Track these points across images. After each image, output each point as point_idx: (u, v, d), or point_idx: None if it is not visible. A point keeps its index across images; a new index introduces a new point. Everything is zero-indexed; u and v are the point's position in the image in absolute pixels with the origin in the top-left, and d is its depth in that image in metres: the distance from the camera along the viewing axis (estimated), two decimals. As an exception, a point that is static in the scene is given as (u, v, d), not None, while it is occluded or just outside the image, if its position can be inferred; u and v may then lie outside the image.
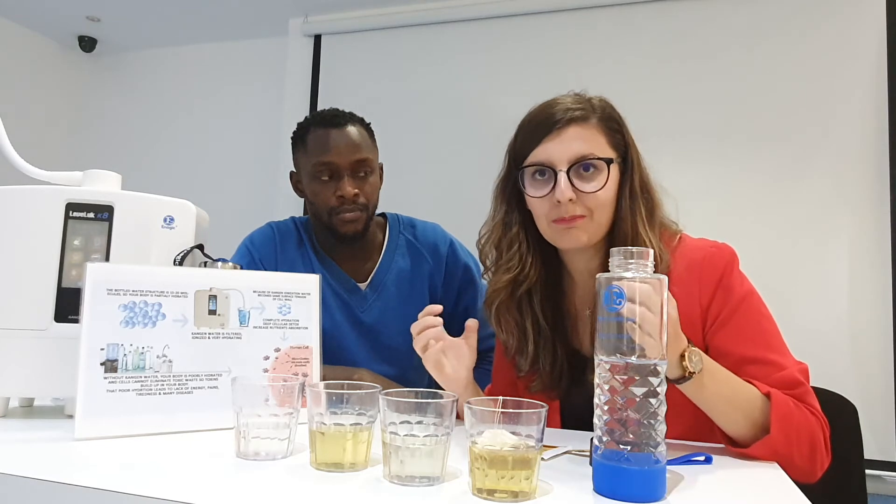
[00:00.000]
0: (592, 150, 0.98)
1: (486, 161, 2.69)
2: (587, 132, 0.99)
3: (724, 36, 2.42)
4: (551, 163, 0.98)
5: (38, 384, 0.94)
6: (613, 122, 1.03)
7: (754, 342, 0.95)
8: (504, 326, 1.08)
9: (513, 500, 0.65)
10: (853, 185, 2.22)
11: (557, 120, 0.99)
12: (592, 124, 1.00)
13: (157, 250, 1.01)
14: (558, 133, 0.98)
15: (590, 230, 1.00)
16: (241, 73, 3.34)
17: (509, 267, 1.06)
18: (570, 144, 0.98)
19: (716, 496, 0.73)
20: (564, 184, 0.96)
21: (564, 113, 0.99)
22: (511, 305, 1.07)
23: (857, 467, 1.26)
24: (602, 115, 1.02)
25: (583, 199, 0.98)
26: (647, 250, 0.70)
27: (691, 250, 1.02)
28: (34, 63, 3.34)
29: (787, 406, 0.88)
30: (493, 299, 1.08)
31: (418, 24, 2.85)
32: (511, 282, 1.06)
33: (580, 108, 1.00)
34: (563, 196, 0.96)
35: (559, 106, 1.01)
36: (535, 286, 1.07)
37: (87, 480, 0.65)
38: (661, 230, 1.03)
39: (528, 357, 1.06)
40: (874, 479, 2.07)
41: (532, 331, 1.06)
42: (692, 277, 0.99)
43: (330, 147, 1.39)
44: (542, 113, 1.02)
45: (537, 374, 1.07)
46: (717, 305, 0.98)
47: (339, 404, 0.76)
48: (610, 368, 0.69)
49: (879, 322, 2.15)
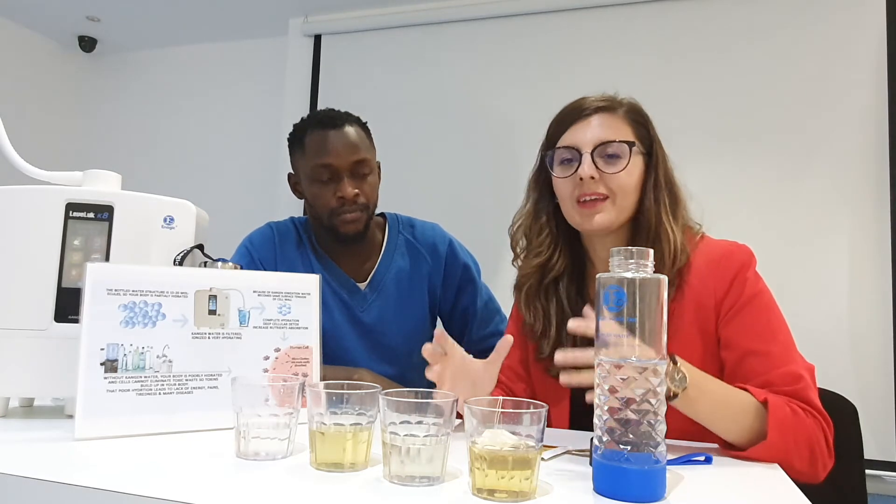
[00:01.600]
0: (616, 135, 1.05)
1: (486, 161, 2.72)
2: (613, 121, 1.06)
3: (723, 36, 2.42)
4: (577, 145, 1.05)
5: (38, 384, 0.94)
6: (640, 117, 1.09)
7: (760, 336, 0.97)
8: (532, 311, 1.13)
9: (513, 500, 0.65)
10: (853, 185, 2.22)
11: (585, 108, 1.07)
12: (619, 115, 1.07)
13: (157, 250, 1.01)
14: (586, 119, 1.06)
15: (612, 213, 1.04)
16: (241, 73, 3.33)
17: (539, 252, 1.12)
18: (596, 130, 1.05)
19: (716, 496, 0.73)
20: (588, 163, 1.03)
21: (592, 103, 1.07)
22: (539, 290, 1.13)
23: (857, 467, 1.26)
24: (629, 109, 1.09)
25: (605, 180, 1.03)
26: (648, 250, 0.70)
27: (711, 248, 1.06)
28: (34, 63, 3.34)
29: (783, 412, 0.88)
30: (522, 283, 1.15)
31: (418, 24, 2.84)
32: (540, 267, 1.12)
33: (608, 101, 1.08)
34: (586, 173, 1.02)
35: (588, 99, 1.09)
36: (562, 274, 1.12)
37: (87, 480, 0.65)
38: (683, 227, 1.07)
39: (550, 341, 1.11)
40: (874, 479, 2.07)
41: (556, 316, 1.11)
42: (710, 271, 1.03)
43: (328, 149, 1.39)
44: (571, 106, 1.10)
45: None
46: (730, 298, 1.01)
47: (339, 404, 0.76)
48: (610, 368, 0.69)
49: (879, 322, 2.15)
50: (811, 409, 0.91)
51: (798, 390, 0.92)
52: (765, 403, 0.88)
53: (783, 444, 0.86)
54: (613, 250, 0.72)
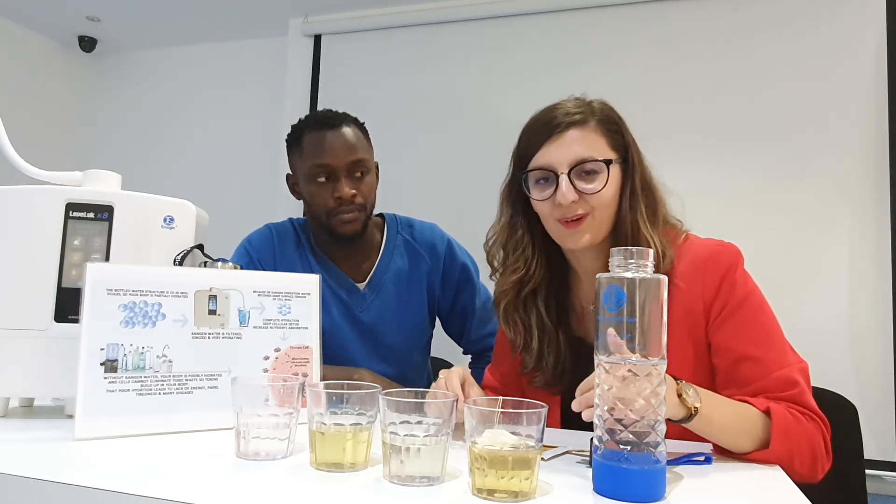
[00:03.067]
0: (592, 152, 1.01)
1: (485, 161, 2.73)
2: (586, 135, 1.02)
3: (723, 36, 2.42)
4: (552, 167, 1.01)
5: (38, 384, 0.94)
6: (612, 124, 1.05)
7: (753, 340, 0.96)
8: (511, 325, 1.12)
9: (513, 500, 0.65)
10: (853, 185, 2.22)
11: (557, 124, 1.02)
12: (591, 127, 1.03)
13: (157, 250, 1.01)
14: (558, 137, 1.02)
15: (592, 229, 1.02)
16: (241, 73, 3.33)
17: (515, 268, 1.10)
18: (570, 148, 1.01)
19: (716, 496, 0.73)
20: (566, 186, 1.00)
21: (564, 117, 1.02)
22: (518, 304, 1.11)
23: (857, 467, 1.26)
24: (601, 117, 1.04)
25: (585, 199, 1.01)
26: (647, 250, 0.70)
27: (697, 248, 1.04)
28: (34, 63, 3.34)
29: (786, 420, 0.87)
30: (500, 300, 1.13)
31: (418, 24, 2.84)
32: (517, 283, 1.10)
33: (579, 111, 1.03)
34: (566, 199, 0.99)
35: (559, 110, 1.04)
36: (540, 285, 1.10)
37: (87, 480, 0.65)
38: (665, 228, 1.05)
39: (532, 354, 1.10)
40: (874, 479, 2.07)
41: (536, 327, 1.10)
42: (696, 274, 1.01)
43: (326, 149, 1.39)
44: (542, 118, 1.05)
45: (541, 370, 1.10)
46: (719, 302, 0.99)
47: (339, 404, 0.76)
48: (610, 368, 0.69)
49: (879, 322, 2.15)
50: (810, 413, 0.91)
51: (794, 395, 0.91)
52: (767, 412, 0.88)
53: (786, 451, 0.86)
54: (613, 250, 0.72)
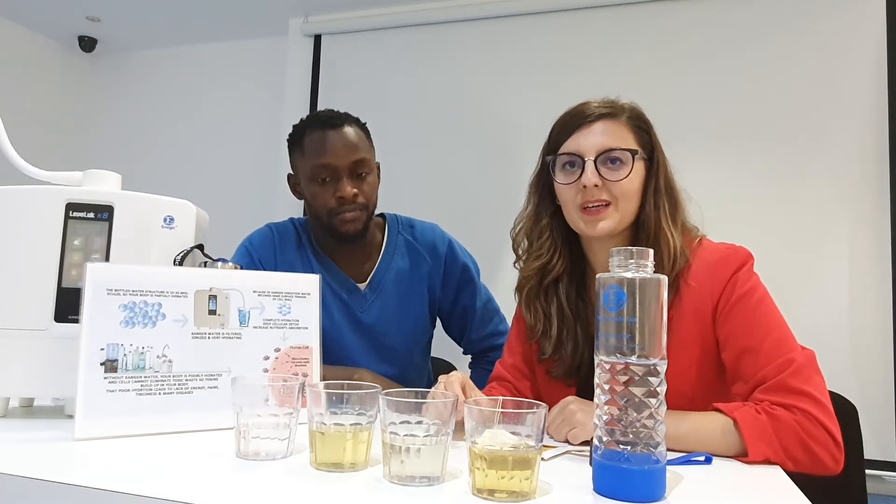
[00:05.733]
0: (619, 143, 1.05)
1: (486, 161, 2.72)
2: (615, 127, 1.06)
3: (723, 36, 2.42)
4: (580, 152, 1.05)
5: (38, 384, 0.94)
6: (641, 122, 1.10)
7: (750, 332, 0.97)
8: (532, 311, 1.15)
9: (513, 500, 0.65)
10: (853, 185, 2.22)
11: (588, 114, 1.07)
12: (621, 122, 1.07)
13: (157, 250, 1.01)
14: (588, 126, 1.06)
15: (615, 218, 1.05)
16: (241, 73, 3.33)
17: (539, 255, 1.13)
18: (598, 137, 1.05)
19: (716, 496, 0.73)
20: (591, 170, 1.03)
21: (595, 109, 1.07)
22: (539, 292, 1.14)
23: (857, 467, 1.26)
24: (631, 114, 1.09)
25: (608, 187, 1.04)
26: (648, 250, 0.71)
27: (710, 252, 1.06)
28: (34, 63, 3.34)
29: (757, 423, 0.87)
30: (523, 285, 1.16)
31: (418, 24, 2.84)
32: (540, 269, 1.13)
33: (610, 107, 1.08)
34: (590, 181, 1.03)
35: (591, 104, 1.08)
36: (562, 275, 1.13)
37: (87, 480, 0.65)
38: (683, 231, 1.08)
39: (552, 341, 1.12)
40: (874, 479, 2.07)
41: (556, 317, 1.13)
42: (707, 275, 1.03)
43: (327, 149, 1.39)
44: (574, 111, 1.10)
45: (559, 359, 1.12)
46: (724, 300, 1.01)
47: (339, 404, 0.76)
48: (610, 368, 0.69)
49: (879, 322, 2.15)
50: (792, 400, 0.89)
51: (779, 383, 0.91)
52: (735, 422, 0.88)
53: (772, 452, 0.86)
54: (613, 250, 0.72)
